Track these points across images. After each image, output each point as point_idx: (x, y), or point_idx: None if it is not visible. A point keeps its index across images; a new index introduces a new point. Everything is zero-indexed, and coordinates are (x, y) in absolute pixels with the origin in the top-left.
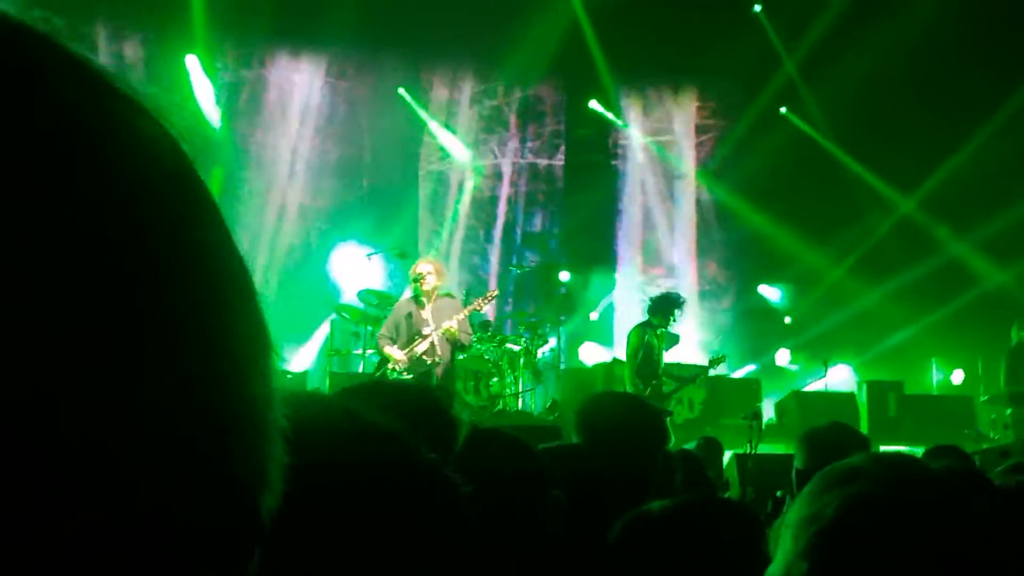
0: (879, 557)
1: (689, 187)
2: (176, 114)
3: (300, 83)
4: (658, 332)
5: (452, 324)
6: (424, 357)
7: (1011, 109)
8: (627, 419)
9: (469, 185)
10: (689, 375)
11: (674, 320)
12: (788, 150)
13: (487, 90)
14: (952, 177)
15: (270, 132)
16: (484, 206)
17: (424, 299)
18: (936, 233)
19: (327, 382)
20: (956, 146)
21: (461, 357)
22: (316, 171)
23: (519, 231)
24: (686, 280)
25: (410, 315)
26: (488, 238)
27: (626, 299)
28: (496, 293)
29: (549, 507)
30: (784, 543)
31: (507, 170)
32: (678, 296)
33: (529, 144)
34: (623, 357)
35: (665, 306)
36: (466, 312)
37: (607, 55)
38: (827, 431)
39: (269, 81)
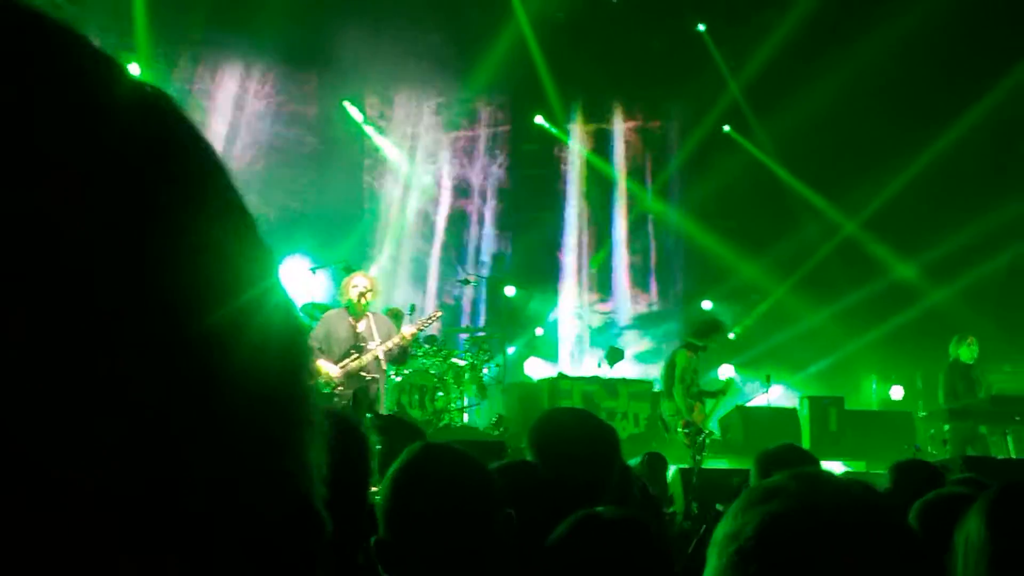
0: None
1: (633, 204)
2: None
3: (245, 94)
4: (698, 355)
5: (409, 330)
6: (363, 373)
7: (953, 135)
8: (580, 433)
9: (414, 199)
10: (715, 393)
11: (715, 345)
12: (733, 169)
13: (433, 104)
14: (893, 199)
15: (213, 143)
16: (429, 220)
17: (359, 313)
18: (876, 253)
19: None
20: (898, 169)
21: (393, 375)
22: (260, 183)
23: (464, 245)
24: (631, 295)
25: (347, 328)
26: (433, 252)
27: (570, 315)
28: (440, 314)
29: (500, 523)
30: (710, 561)
31: (452, 184)
32: (722, 323)
33: (475, 159)
34: (569, 372)
35: (709, 330)
36: (415, 329)
37: (553, 72)
38: (779, 452)
39: (213, 91)
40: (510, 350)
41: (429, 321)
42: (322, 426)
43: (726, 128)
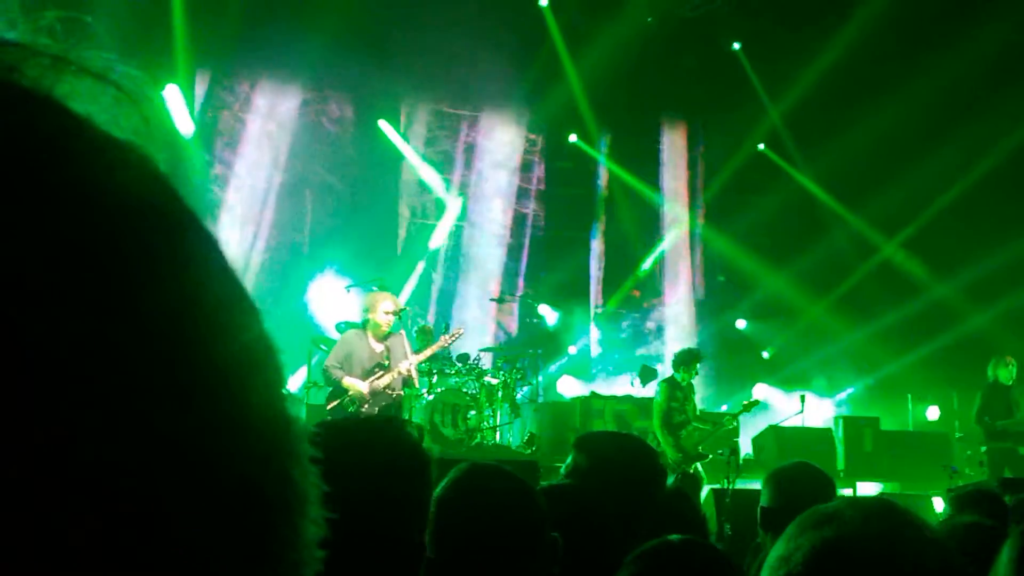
0: None
1: (668, 223)
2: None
3: (280, 112)
4: (683, 385)
5: (410, 366)
6: (387, 390)
7: (995, 157)
8: (625, 457)
9: (449, 217)
10: (720, 421)
11: (695, 373)
12: (771, 188)
13: (468, 122)
14: (932, 219)
15: (248, 161)
16: (463, 238)
17: (384, 335)
18: (915, 273)
19: (303, 414)
20: (938, 189)
21: (425, 392)
22: (295, 201)
23: (499, 264)
24: (665, 315)
25: (368, 348)
26: (467, 270)
27: (603, 334)
28: (462, 332)
29: (547, 549)
30: None
31: (487, 203)
32: (699, 351)
33: (511, 178)
34: (602, 391)
35: (688, 360)
36: (432, 350)
37: (588, 90)
38: (792, 470)
39: (249, 109)
40: (552, 368)
41: (452, 338)
42: (317, 512)
43: (760, 146)
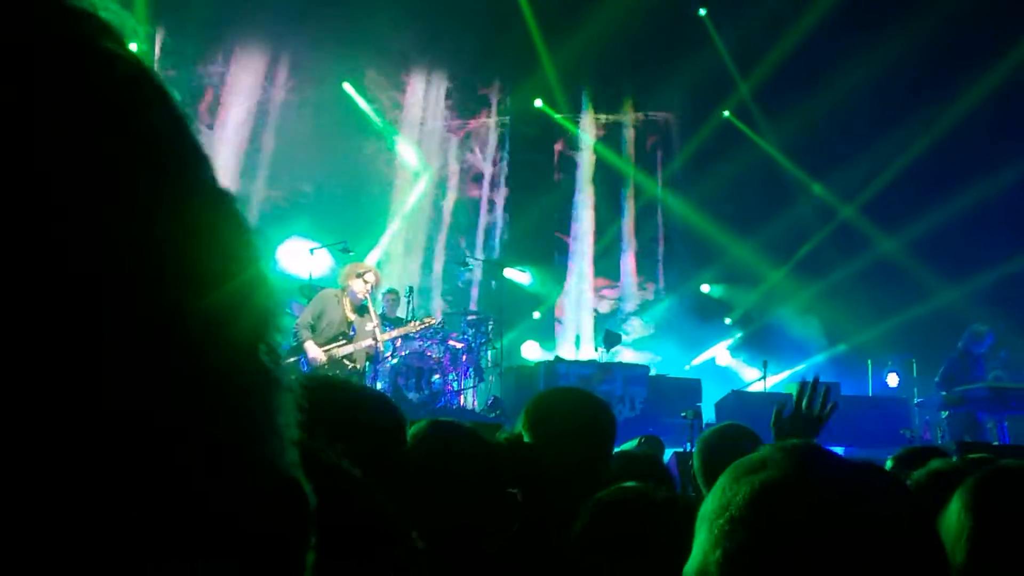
0: (787, 539)
1: (633, 189)
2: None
3: (244, 77)
4: None
5: (374, 342)
6: (346, 361)
7: (950, 118)
8: (575, 407)
9: (415, 183)
10: None
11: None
12: (734, 154)
13: (433, 88)
14: (889, 184)
15: (214, 126)
16: (429, 204)
17: (360, 306)
18: (874, 239)
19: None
20: (895, 155)
21: (389, 356)
22: (260, 166)
23: (463, 229)
24: (628, 280)
25: (341, 314)
26: (433, 236)
27: (570, 298)
28: (434, 321)
29: (506, 505)
30: (699, 535)
31: (452, 168)
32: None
33: (474, 143)
34: (565, 356)
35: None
36: (402, 331)
37: (554, 56)
38: (715, 433)
39: (214, 75)
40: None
41: (422, 324)
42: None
43: (726, 113)
